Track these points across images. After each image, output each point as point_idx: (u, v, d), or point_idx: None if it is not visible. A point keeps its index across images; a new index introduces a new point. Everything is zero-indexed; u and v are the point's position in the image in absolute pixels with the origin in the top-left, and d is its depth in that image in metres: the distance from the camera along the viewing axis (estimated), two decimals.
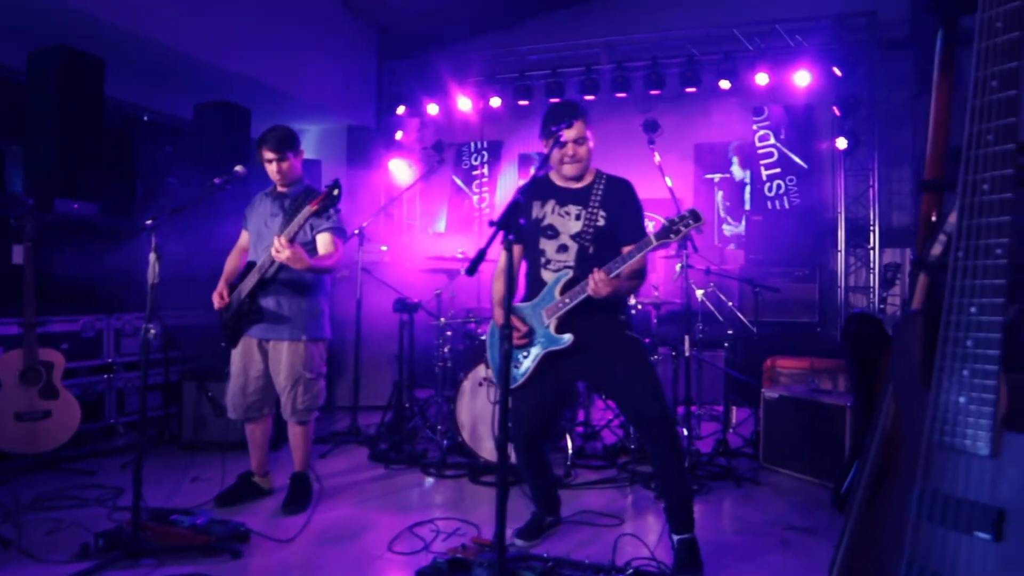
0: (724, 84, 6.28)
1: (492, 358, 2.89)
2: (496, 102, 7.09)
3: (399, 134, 7.58)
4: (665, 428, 2.55)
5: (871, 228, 6.25)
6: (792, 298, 5.80)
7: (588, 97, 6.58)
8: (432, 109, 7.37)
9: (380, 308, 4.93)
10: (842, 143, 6.08)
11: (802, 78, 6.08)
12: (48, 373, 3.73)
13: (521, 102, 6.97)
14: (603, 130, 5.30)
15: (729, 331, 4.76)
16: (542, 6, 7.22)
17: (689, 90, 6.45)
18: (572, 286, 2.55)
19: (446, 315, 4.51)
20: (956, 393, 1.15)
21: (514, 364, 2.66)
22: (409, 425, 4.60)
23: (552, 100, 6.52)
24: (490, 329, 2.89)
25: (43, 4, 4.23)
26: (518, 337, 2.62)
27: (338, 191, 2.94)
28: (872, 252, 6.25)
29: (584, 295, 2.47)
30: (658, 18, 6.71)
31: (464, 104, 7.24)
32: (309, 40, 6.43)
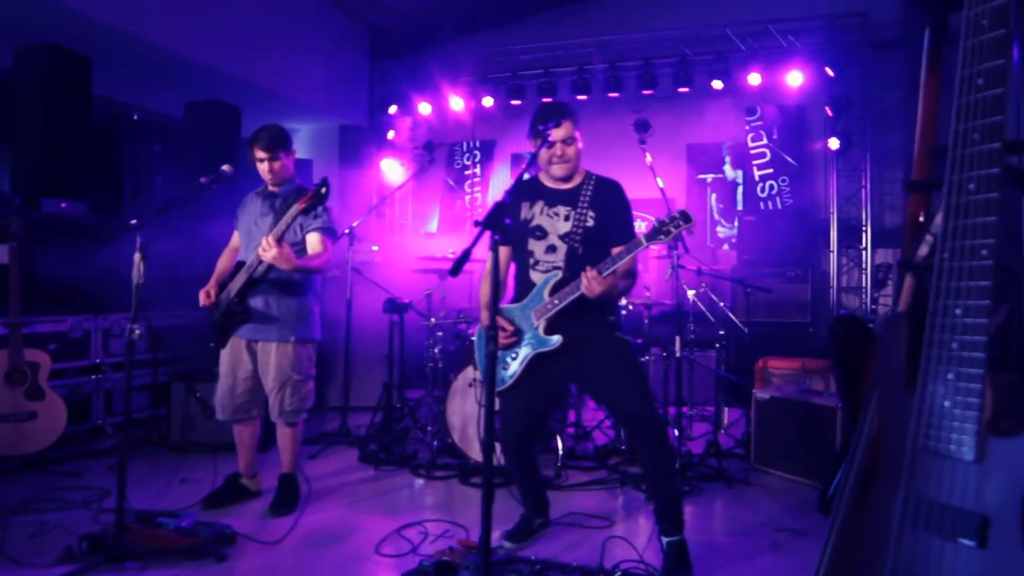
0: (717, 84, 6.29)
1: (480, 360, 2.87)
2: (488, 102, 7.06)
3: (391, 134, 7.54)
4: (654, 429, 2.53)
5: (863, 228, 6.25)
6: (784, 298, 5.80)
7: (580, 97, 6.56)
8: (424, 109, 7.33)
9: (370, 308, 4.90)
10: (834, 143, 6.09)
11: (794, 78, 6.08)
12: (34, 374, 3.70)
13: (513, 102, 6.94)
14: (595, 130, 5.34)
15: (721, 332, 4.74)
16: (534, 6, 7.19)
17: (682, 90, 6.44)
18: (561, 287, 2.53)
19: (437, 315, 4.48)
20: (941, 396, 1.14)
21: (503, 366, 2.64)
22: (399, 426, 4.57)
23: (544, 100, 6.50)
24: (478, 331, 2.87)
25: (33, 2, 4.19)
26: (504, 337, 2.60)
27: (326, 189, 2.92)
28: (864, 252, 6.25)
29: (576, 294, 2.45)
30: (651, 18, 6.69)
31: (456, 104, 7.20)
32: (301, 39, 6.39)
